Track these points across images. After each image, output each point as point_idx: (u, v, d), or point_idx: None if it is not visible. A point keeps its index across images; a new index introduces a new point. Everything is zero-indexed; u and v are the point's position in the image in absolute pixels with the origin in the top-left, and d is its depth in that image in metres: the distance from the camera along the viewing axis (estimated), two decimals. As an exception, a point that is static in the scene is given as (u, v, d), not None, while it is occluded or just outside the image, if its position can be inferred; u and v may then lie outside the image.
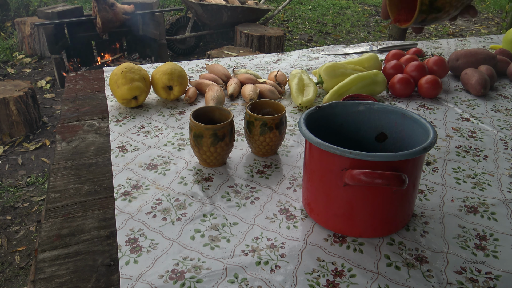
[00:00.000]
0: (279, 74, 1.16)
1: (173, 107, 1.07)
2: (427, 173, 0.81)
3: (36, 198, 2.20)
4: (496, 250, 0.63)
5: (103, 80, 1.25)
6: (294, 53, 1.49)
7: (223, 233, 0.65)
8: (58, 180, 0.79)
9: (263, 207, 0.71)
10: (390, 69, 1.19)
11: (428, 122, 0.65)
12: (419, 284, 0.57)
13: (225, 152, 0.80)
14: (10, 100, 2.63)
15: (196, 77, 1.26)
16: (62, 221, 0.68)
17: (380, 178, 0.55)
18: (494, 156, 0.87)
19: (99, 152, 0.88)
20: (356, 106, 0.72)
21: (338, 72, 1.12)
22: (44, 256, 0.62)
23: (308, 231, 0.66)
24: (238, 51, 3.44)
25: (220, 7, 3.95)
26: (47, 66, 3.96)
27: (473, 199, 0.74)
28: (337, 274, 0.58)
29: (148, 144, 0.90)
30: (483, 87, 1.13)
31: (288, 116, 1.02)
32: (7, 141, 2.68)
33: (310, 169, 0.65)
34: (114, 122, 0.99)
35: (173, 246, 0.63)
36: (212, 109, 0.83)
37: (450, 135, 0.95)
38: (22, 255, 1.84)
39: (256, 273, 0.58)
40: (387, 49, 1.54)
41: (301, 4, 6.34)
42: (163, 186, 0.76)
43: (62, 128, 0.97)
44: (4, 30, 4.71)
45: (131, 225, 0.67)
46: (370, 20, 5.83)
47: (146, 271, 0.59)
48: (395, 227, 0.65)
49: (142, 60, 3.86)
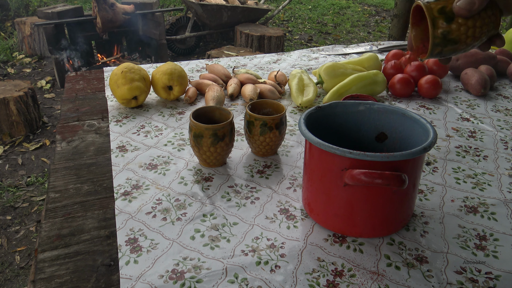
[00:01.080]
0: (279, 74, 1.16)
1: (173, 107, 1.07)
2: (427, 173, 0.81)
3: (36, 198, 2.20)
4: (496, 250, 0.63)
5: (103, 80, 1.25)
6: (294, 53, 1.49)
7: (223, 233, 0.65)
8: (58, 180, 0.79)
9: (263, 207, 0.71)
10: (390, 69, 1.19)
11: (428, 122, 0.65)
12: (419, 284, 0.57)
13: (225, 152, 0.80)
14: (10, 100, 2.63)
15: (196, 77, 1.26)
16: (62, 221, 0.68)
17: (380, 178, 0.55)
18: (494, 156, 0.87)
19: (99, 152, 0.88)
20: (356, 106, 0.72)
21: (338, 72, 1.12)
22: (44, 256, 0.62)
23: (308, 231, 0.66)
24: (238, 51, 3.44)
25: (220, 7, 3.95)
26: (47, 66, 3.96)
27: (473, 199, 0.74)
28: (337, 274, 0.58)
29: (148, 144, 0.90)
30: (483, 87, 1.13)
31: (288, 116, 1.02)
32: (7, 141, 2.68)
33: (310, 169, 0.65)
34: (114, 122, 1.00)
35: (173, 246, 0.63)
36: (212, 109, 0.83)
37: (450, 135, 0.95)
38: (22, 255, 1.84)
39: (256, 273, 0.58)
40: (387, 49, 1.54)
41: (301, 4, 6.34)
42: (163, 186, 0.76)
43: (62, 128, 0.97)
44: (4, 30, 4.71)
45: (131, 225, 0.67)
46: (370, 20, 5.83)
47: (146, 271, 0.59)
48: (395, 227, 0.65)
49: (142, 60, 3.86)
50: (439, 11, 0.53)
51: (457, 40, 0.54)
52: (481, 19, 0.53)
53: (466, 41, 0.54)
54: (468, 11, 0.51)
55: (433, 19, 0.53)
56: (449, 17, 0.53)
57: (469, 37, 0.54)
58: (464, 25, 0.53)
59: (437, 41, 0.54)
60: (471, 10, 0.51)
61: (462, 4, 0.51)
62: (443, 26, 0.53)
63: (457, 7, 0.52)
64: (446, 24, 0.53)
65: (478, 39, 0.54)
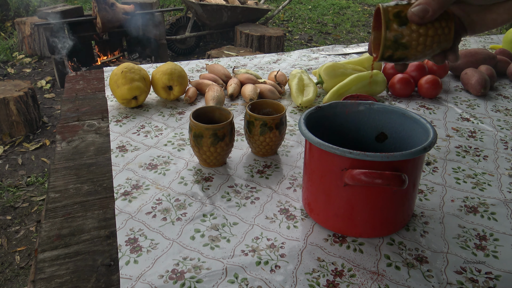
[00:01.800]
0: (279, 74, 1.16)
1: (173, 107, 1.07)
2: (427, 173, 0.81)
3: (36, 198, 2.20)
4: (496, 250, 0.63)
5: (103, 80, 1.25)
6: (294, 53, 1.49)
7: (223, 233, 0.65)
8: (58, 180, 0.79)
9: (263, 207, 0.71)
10: (390, 69, 1.19)
11: (428, 122, 0.65)
12: (419, 284, 0.57)
13: (225, 152, 0.80)
14: (10, 100, 2.63)
15: (196, 77, 1.26)
16: (62, 221, 0.68)
17: (380, 178, 0.55)
18: (494, 156, 0.87)
19: (99, 152, 0.88)
20: (356, 106, 0.72)
21: (338, 72, 1.12)
22: (44, 256, 0.62)
23: (308, 231, 0.66)
24: (238, 51, 3.44)
25: (220, 7, 3.95)
26: (47, 66, 3.96)
27: (473, 199, 0.74)
28: (337, 274, 0.58)
29: (148, 144, 0.90)
30: (483, 87, 1.13)
31: (288, 116, 1.02)
32: (7, 141, 2.68)
33: (310, 169, 0.65)
34: (114, 122, 1.00)
35: (173, 246, 0.63)
36: (212, 109, 0.83)
37: (450, 135, 0.95)
38: (22, 255, 1.84)
39: (256, 273, 0.58)
40: (387, 49, 1.54)
41: (301, 4, 6.34)
42: (163, 186, 0.76)
43: (62, 128, 0.97)
44: (4, 30, 4.71)
45: (131, 225, 0.67)
46: (370, 20, 5.83)
47: (146, 271, 0.59)
48: (395, 227, 0.65)
49: (142, 60, 3.86)
50: (394, 15, 0.55)
51: (407, 45, 0.55)
52: (434, 28, 0.54)
53: (417, 48, 0.55)
54: (421, 18, 0.53)
55: (387, 22, 0.55)
56: (403, 22, 0.54)
57: (420, 44, 0.55)
58: (416, 32, 0.54)
59: (388, 44, 0.55)
60: (424, 17, 0.53)
61: (416, 11, 0.53)
62: (396, 29, 0.54)
63: (410, 12, 0.53)
64: (399, 28, 0.54)
65: (429, 48, 0.55)
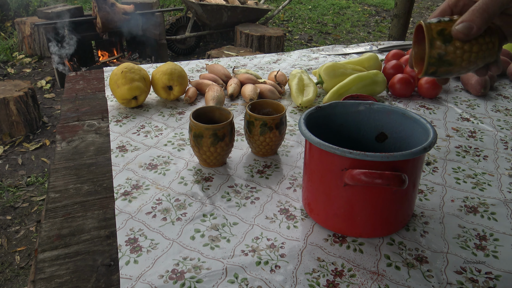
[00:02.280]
0: (279, 74, 1.16)
1: (173, 107, 1.07)
2: (427, 173, 0.81)
3: (36, 198, 2.20)
4: (496, 250, 0.63)
5: (103, 80, 1.25)
6: (294, 53, 1.49)
7: (223, 233, 0.65)
8: (58, 180, 0.79)
9: (263, 207, 0.71)
10: (390, 69, 1.19)
11: (428, 122, 0.65)
12: (419, 284, 0.57)
13: (225, 152, 0.80)
14: (10, 100, 2.63)
15: (196, 77, 1.26)
16: (62, 221, 0.68)
17: (380, 178, 0.55)
18: (494, 156, 0.87)
19: (99, 152, 0.88)
20: (356, 106, 0.72)
21: (338, 72, 1.12)
22: (44, 256, 0.62)
23: (308, 231, 0.66)
24: (238, 51, 3.44)
25: (220, 7, 3.95)
26: (47, 66, 3.96)
27: (473, 199, 0.74)
28: (337, 274, 0.58)
29: (148, 144, 0.90)
30: (483, 87, 1.13)
31: (288, 116, 1.02)
32: (7, 141, 2.68)
33: (310, 169, 0.65)
34: (114, 122, 0.99)
35: (173, 246, 0.63)
36: (212, 109, 0.83)
37: (450, 135, 0.95)
38: (22, 255, 1.84)
39: (256, 273, 0.58)
40: (387, 49, 1.54)
41: (301, 4, 6.34)
42: (163, 186, 0.76)
43: (62, 128, 0.97)
44: (4, 30, 4.71)
45: (131, 225, 0.67)
46: (370, 20, 5.83)
47: (146, 271, 0.59)
48: (395, 227, 0.65)
49: (142, 60, 3.86)
50: (438, 33, 0.55)
51: (452, 62, 0.55)
52: (478, 44, 0.54)
53: (461, 64, 0.55)
54: (466, 35, 0.53)
55: (431, 40, 0.55)
56: (447, 39, 0.55)
57: (464, 60, 0.55)
58: (461, 49, 0.54)
59: (432, 61, 0.55)
60: (469, 34, 0.53)
61: (460, 28, 0.53)
62: (440, 47, 0.55)
63: (455, 30, 0.54)
64: (443, 45, 0.55)
65: (473, 63, 0.56)
